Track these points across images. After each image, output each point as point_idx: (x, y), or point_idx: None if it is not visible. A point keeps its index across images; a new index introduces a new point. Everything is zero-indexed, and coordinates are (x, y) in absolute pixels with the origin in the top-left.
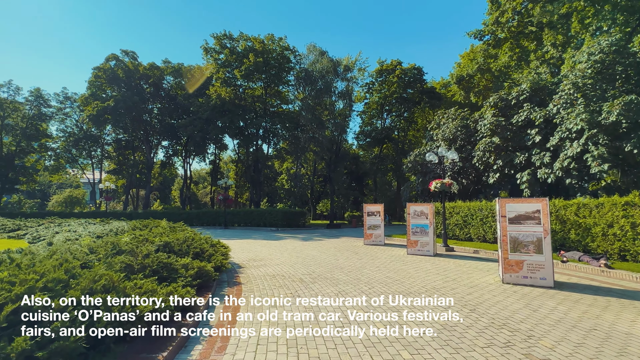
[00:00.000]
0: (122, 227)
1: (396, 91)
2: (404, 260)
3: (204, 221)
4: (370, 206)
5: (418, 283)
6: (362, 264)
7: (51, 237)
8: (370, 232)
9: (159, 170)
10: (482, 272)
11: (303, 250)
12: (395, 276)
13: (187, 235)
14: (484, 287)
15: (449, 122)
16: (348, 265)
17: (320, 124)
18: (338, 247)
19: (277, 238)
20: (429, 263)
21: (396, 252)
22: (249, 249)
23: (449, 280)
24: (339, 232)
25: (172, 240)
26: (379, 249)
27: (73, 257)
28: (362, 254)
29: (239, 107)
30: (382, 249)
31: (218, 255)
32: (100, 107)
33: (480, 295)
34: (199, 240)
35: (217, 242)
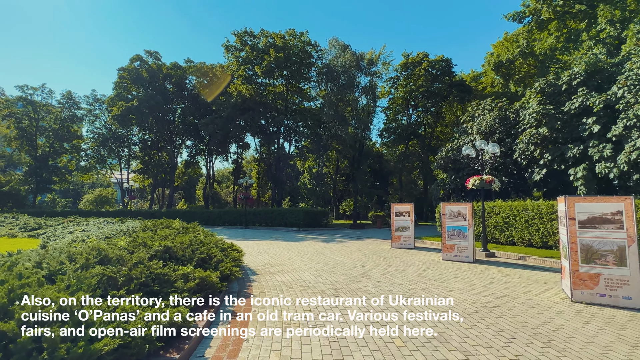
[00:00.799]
0: (135, 227)
1: (423, 85)
2: (440, 267)
3: (226, 221)
4: (398, 206)
5: (463, 298)
6: (392, 271)
7: (62, 237)
8: (398, 234)
9: (183, 170)
10: (539, 285)
11: (325, 254)
12: (433, 288)
13: (197, 237)
14: (549, 306)
15: (484, 113)
16: (376, 273)
17: (343, 121)
18: (363, 251)
19: (298, 239)
20: (470, 271)
21: (429, 258)
22: (267, 252)
23: (501, 296)
24: (363, 233)
25: (174, 245)
26: (409, 254)
27: (46, 266)
28: (390, 259)
29: (259, 104)
30: (412, 254)
31: (228, 261)
32: (125, 107)
33: (549, 320)
34: (207, 244)
35: (229, 245)
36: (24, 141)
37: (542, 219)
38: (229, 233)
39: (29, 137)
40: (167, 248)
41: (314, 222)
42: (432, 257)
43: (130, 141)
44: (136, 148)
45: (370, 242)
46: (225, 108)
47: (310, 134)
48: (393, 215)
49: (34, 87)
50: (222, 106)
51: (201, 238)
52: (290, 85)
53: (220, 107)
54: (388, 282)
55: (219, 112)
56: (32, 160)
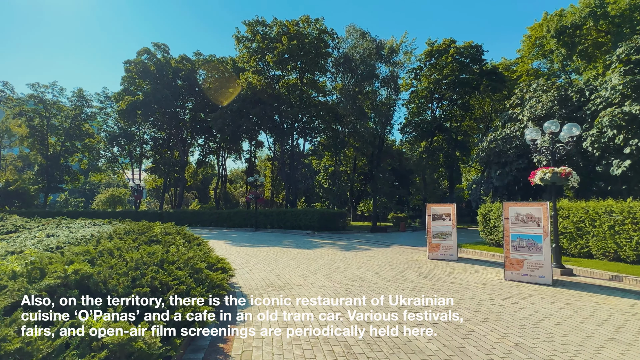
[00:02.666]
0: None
1: (450, 73)
2: (511, 293)
3: (235, 222)
4: (436, 207)
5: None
6: (446, 302)
7: (19, 243)
8: (437, 241)
9: (195, 169)
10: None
11: (345, 268)
12: (528, 342)
13: (169, 250)
14: None
15: (538, 95)
16: (425, 304)
17: (362, 114)
18: (394, 263)
19: (312, 245)
20: (560, 303)
21: (485, 275)
22: (273, 263)
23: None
24: (387, 238)
25: (101, 271)
26: (454, 268)
27: None
28: (434, 277)
29: (272, 97)
30: (459, 269)
31: (199, 291)
32: (130, 102)
33: None
34: (174, 265)
35: (216, 260)
36: (35, 140)
37: (637, 225)
38: (235, 237)
39: (40, 136)
40: (82, 277)
41: (330, 224)
42: (489, 275)
43: (142, 139)
44: (148, 147)
45: (399, 251)
46: (235, 101)
47: (326, 129)
48: (429, 218)
49: (44, 84)
50: (231, 99)
51: (174, 251)
52: (304, 77)
53: (231, 101)
54: (451, 330)
55: (229, 105)
56: (44, 160)
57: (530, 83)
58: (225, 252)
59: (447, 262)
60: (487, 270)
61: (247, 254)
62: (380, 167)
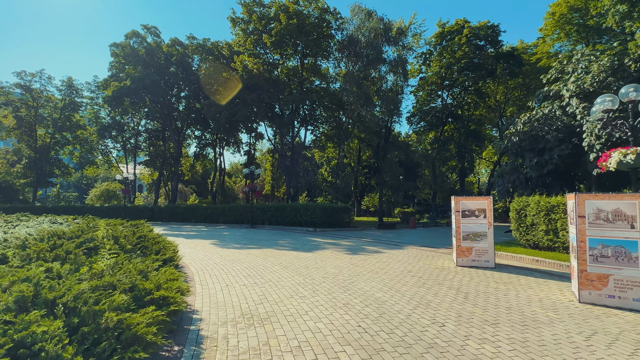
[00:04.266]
0: (24, 237)
1: (465, 56)
2: (609, 330)
3: (230, 218)
4: (468, 201)
5: None
6: (517, 350)
7: None
8: (467, 244)
9: (192, 162)
10: None
11: (354, 282)
12: None
13: (60, 271)
14: None
15: (585, 64)
16: (488, 353)
17: (368, 101)
18: (416, 273)
19: (312, 246)
20: None
21: (546, 294)
22: (261, 274)
23: None
24: (397, 236)
25: None
26: (497, 282)
27: None
28: (477, 297)
29: (269, 82)
30: (503, 282)
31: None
32: (117, 88)
33: None
34: (60, 303)
35: (161, 282)
36: (23, 131)
37: None
38: (227, 235)
39: (28, 127)
40: None
41: (333, 220)
42: (550, 293)
43: (136, 131)
44: (142, 139)
45: (416, 253)
46: (230, 87)
47: (328, 119)
48: (458, 215)
49: (31, 72)
50: (228, 86)
51: (84, 271)
52: (305, 64)
53: (224, 87)
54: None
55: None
56: (32, 152)
57: (572, 52)
58: (206, 257)
59: (484, 270)
60: (543, 284)
61: (232, 260)
62: (387, 158)
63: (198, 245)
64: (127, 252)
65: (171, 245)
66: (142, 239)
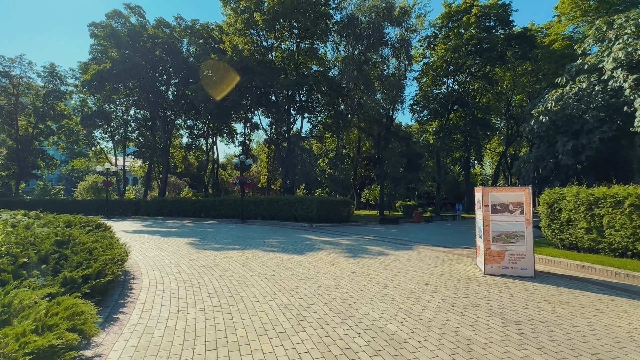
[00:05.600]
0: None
1: (473, 37)
2: None
3: (221, 212)
4: (499, 192)
5: None
6: None
7: None
8: (498, 247)
9: (184, 153)
10: None
11: (357, 302)
12: None
13: None
14: None
15: (632, 28)
16: None
17: (369, 85)
18: (437, 287)
19: (306, 247)
20: None
21: (630, 323)
22: (232, 290)
23: None
24: (403, 233)
25: None
26: (550, 301)
27: None
28: (531, 327)
29: (262, 65)
30: (559, 300)
31: None
32: (95, 71)
33: None
34: None
35: None
36: (3, 121)
37: None
38: (211, 232)
39: (8, 116)
40: None
41: (331, 214)
42: (634, 321)
43: (124, 120)
44: (131, 128)
45: (429, 255)
46: (219, 69)
47: (327, 104)
48: (486, 210)
49: (11, 58)
50: (214, 67)
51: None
52: (302, 48)
53: (212, 69)
54: None
55: (213, 75)
56: (14, 143)
57: (612, 19)
58: (172, 262)
59: (521, 281)
60: (613, 305)
61: (202, 266)
62: (389, 148)
63: (171, 246)
64: (23, 268)
65: (116, 251)
66: (63, 245)
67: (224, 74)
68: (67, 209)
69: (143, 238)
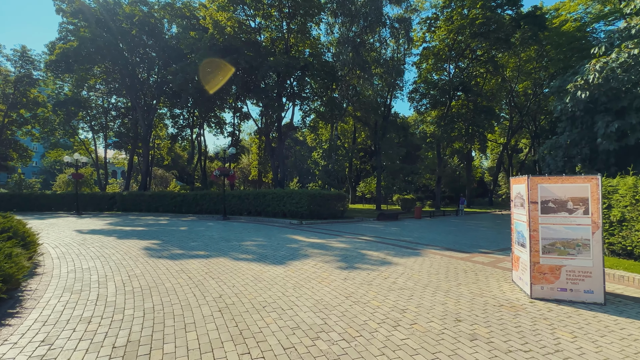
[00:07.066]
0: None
1: (479, 16)
2: None
3: (203, 207)
4: (551, 183)
5: None
6: None
7: None
8: (552, 260)
9: (169, 144)
10: None
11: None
12: None
13: None
14: None
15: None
16: None
17: (365, 68)
18: (469, 323)
19: (289, 252)
20: None
21: None
22: (162, 340)
23: None
24: (405, 231)
25: None
26: None
27: None
28: None
29: (247, 44)
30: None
31: None
32: (62, 50)
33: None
34: None
35: None
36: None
37: None
38: (182, 232)
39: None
40: None
41: (324, 209)
42: None
43: (103, 108)
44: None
45: (445, 264)
46: (199, 49)
47: (320, 91)
48: (535, 206)
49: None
50: (195, 46)
51: None
52: (292, 29)
53: (192, 48)
54: None
55: (193, 56)
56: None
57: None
58: (103, 278)
59: (592, 312)
60: None
61: (138, 287)
62: (386, 139)
63: (119, 252)
64: None
65: None
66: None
67: (206, 55)
68: (36, 205)
69: (93, 241)
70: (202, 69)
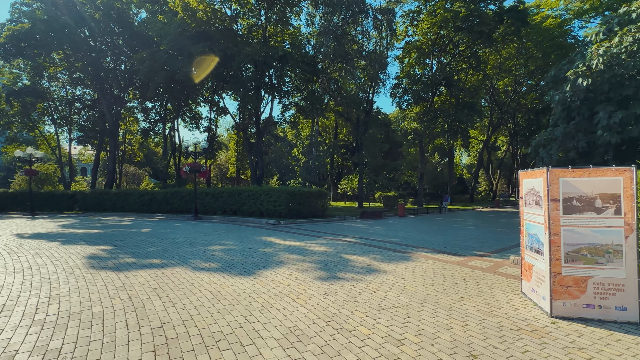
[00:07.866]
0: None
1: (462, 9)
2: None
3: (174, 206)
4: (576, 177)
5: None
6: None
7: None
8: (577, 270)
9: (140, 140)
10: None
11: None
12: None
13: None
14: None
15: None
16: None
17: (348, 60)
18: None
19: (261, 258)
20: None
21: None
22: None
23: None
24: (390, 231)
25: None
26: None
27: None
28: None
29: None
30: None
31: None
32: (11, 32)
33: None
34: None
35: None
36: None
37: None
38: (143, 234)
39: None
40: None
41: (303, 208)
42: None
43: (67, 100)
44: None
45: (440, 271)
46: (167, 35)
47: (300, 81)
48: (556, 205)
49: None
50: (163, 32)
51: None
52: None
53: (160, 33)
54: None
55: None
56: None
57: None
58: (10, 304)
59: (633, 337)
60: None
61: (59, 313)
62: (369, 134)
63: (54, 262)
64: None
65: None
66: None
67: (176, 41)
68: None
69: (30, 247)
70: (172, 56)
